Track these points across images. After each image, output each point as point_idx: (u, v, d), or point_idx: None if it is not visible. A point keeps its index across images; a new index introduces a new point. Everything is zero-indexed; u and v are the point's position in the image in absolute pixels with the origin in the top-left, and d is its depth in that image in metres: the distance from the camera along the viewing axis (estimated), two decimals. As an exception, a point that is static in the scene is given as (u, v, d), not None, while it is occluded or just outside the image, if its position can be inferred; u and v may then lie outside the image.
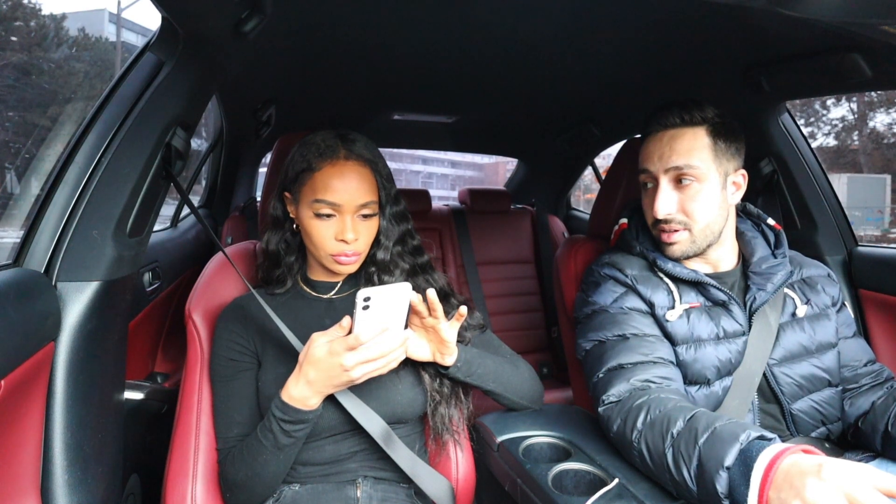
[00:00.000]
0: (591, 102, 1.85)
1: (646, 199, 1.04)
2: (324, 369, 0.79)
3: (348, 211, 0.89)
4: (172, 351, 1.78)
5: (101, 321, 0.85)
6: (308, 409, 0.82)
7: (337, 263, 0.92)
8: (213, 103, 1.86)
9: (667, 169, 0.98)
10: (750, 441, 0.69)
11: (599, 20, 1.11)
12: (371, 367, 0.79)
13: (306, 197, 0.90)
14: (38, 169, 3.15)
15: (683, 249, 1.00)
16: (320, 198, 0.88)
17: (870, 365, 1.05)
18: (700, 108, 0.98)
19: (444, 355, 0.91)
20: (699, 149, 0.97)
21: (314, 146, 0.91)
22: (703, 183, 0.97)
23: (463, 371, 0.92)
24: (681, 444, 0.75)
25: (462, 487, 1.02)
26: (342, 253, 0.91)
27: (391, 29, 1.19)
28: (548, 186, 2.79)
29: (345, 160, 0.90)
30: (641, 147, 1.04)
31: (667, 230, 1.00)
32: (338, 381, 0.80)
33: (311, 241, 0.92)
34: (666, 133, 0.99)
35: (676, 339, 0.97)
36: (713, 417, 0.76)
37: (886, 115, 18.16)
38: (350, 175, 0.89)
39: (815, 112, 18.41)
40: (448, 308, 0.99)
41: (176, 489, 0.92)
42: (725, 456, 0.69)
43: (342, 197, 0.88)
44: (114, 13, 21.88)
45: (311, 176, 0.90)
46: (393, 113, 2.01)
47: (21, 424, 0.74)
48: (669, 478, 0.76)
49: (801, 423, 0.99)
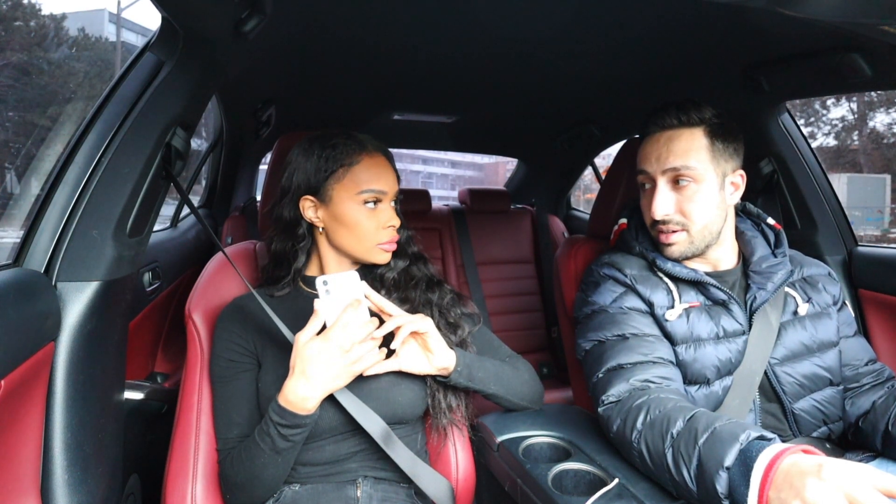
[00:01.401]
0: (590, 103, 1.85)
1: (644, 199, 1.04)
2: (322, 361, 0.80)
3: (390, 198, 0.95)
4: (172, 351, 1.78)
5: (101, 321, 0.85)
6: (305, 414, 0.82)
7: (383, 252, 0.95)
8: (213, 103, 1.86)
9: (664, 170, 0.98)
10: (750, 441, 0.69)
11: (599, 20, 1.11)
12: (360, 350, 0.82)
13: (348, 191, 0.92)
14: (38, 169, 3.15)
15: (682, 250, 1.00)
16: (369, 187, 0.92)
17: (871, 364, 1.05)
18: (697, 108, 0.98)
19: (440, 361, 0.90)
20: (696, 150, 0.97)
21: (339, 146, 0.93)
22: (700, 184, 0.97)
23: (464, 376, 0.92)
24: (680, 444, 0.75)
25: (462, 487, 1.02)
26: (392, 239, 0.95)
27: (391, 29, 1.19)
28: (548, 186, 2.80)
29: (376, 151, 0.95)
30: (639, 148, 1.04)
31: (665, 231, 1.00)
32: (340, 371, 0.81)
33: (358, 234, 0.94)
34: (663, 134, 0.99)
35: (676, 338, 0.97)
36: (713, 418, 0.76)
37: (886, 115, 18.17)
38: (386, 164, 0.95)
39: (815, 112, 18.41)
40: (443, 294, 1.02)
41: (176, 489, 0.92)
42: (725, 456, 0.69)
43: (388, 183, 0.94)
44: (113, 13, 21.95)
45: (349, 171, 0.92)
46: (393, 113, 2.01)
47: (21, 424, 0.74)
48: (669, 478, 0.76)
49: (802, 422, 0.99)
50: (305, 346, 0.80)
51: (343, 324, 0.81)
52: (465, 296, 1.06)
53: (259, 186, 2.55)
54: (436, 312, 0.99)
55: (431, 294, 1.01)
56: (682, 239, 0.99)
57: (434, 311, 0.99)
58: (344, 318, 0.81)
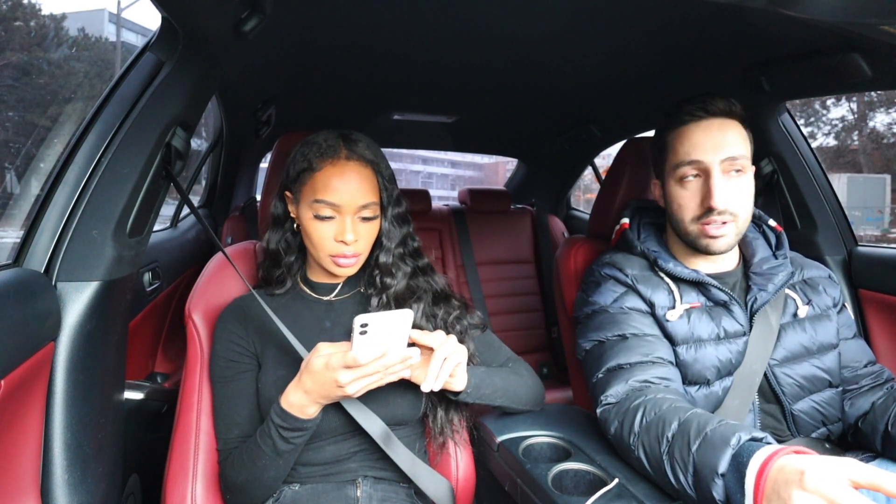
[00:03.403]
0: (590, 102, 1.85)
1: (685, 191, 0.98)
2: (319, 382, 0.78)
3: (348, 212, 0.89)
4: (172, 351, 1.78)
5: (101, 321, 0.85)
6: (306, 418, 0.81)
7: (336, 265, 0.91)
8: (213, 103, 1.86)
9: (723, 159, 0.94)
10: (741, 445, 0.69)
11: (599, 20, 1.11)
12: (367, 381, 0.78)
13: (307, 197, 0.90)
14: (38, 169, 3.15)
15: (729, 243, 0.97)
16: (320, 198, 0.88)
17: (870, 366, 1.05)
18: (734, 101, 0.98)
19: (454, 383, 0.88)
20: (744, 140, 0.97)
21: (316, 146, 0.91)
22: (747, 174, 0.97)
23: (473, 395, 0.91)
24: (675, 450, 0.75)
25: (462, 487, 1.02)
26: (341, 254, 0.90)
27: (391, 29, 1.18)
28: (548, 186, 2.80)
29: (346, 160, 0.89)
30: (679, 137, 0.99)
31: (716, 222, 0.95)
32: (333, 395, 0.79)
33: (311, 242, 0.91)
34: (713, 122, 0.96)
35: (677, 338, 0.97)
36: (705, 421, 0.75)
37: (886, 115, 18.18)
38: (351, 175, 0.88)
39: (815, 112, 18.40)
40: (449, 309, 0.99)
41: (176, 489, 0.92)
42: (718, 463, 0.68)
43: (342, 197, 0.88)
44: (113, 13, 21.99)
45: (311, 176, 0.89)
46: (393, 113, 2.01)
47: (21, 424, 0.74)
48: (668, 482, 0.76)
49: (801, 423, 0.99)
50: (318, 362, 0.78)
51: (365, 378, 0.77)
52: (471, 306, 1.03)
53: (259, 186, 2.55)
54: (440, 326, 0.97)
55: (437, 308, 0.99)
56: (731, 231, 0.96)
57: (438, 326, 0.97)
58: (369, 374, 0.76)
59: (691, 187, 0.98)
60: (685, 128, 0.98)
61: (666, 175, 1.02)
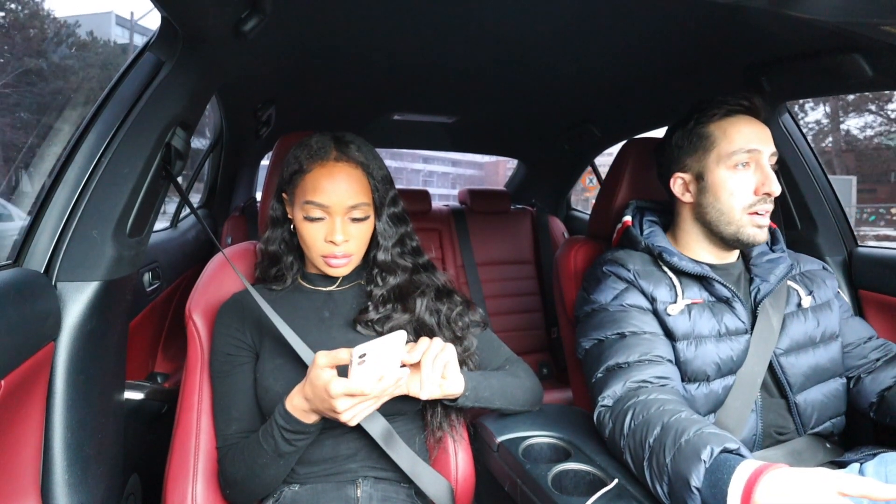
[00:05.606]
0: (591, 103, 1.85)
1: (738, 179, 0.98)
2: (319, 398, 0.77)
3: (338, 213, 0.90)
4: (172, 351, 1.78)
5: (101, 321, 0.85)
6: (309, 422, 0.81)
7: (328, 265, 0.93)
8: (213, 103, 1.86)
9: (773, 152, 0.98)
10: (714, 458, 0.68)
11: (599, 20, 1.11)
12: (363, 406, 0.77)
13: (298, 198, 0.91)
14: (42, 168, 3.15)
15: (767, 233, 1.00)
16: (310, 199, 0.89)
17: (873, 340, 1.08)
18: None
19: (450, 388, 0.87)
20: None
21: (307, 148, 0.92)
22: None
23: (471, 399, 0.90)
24: (654, 458, 0.75)
25: (462, 487, 1.02)
26: (332, 254, 0.91)
27: (391, 29, 1.18)
28: (548, 186, 2.79)
29: (335, 162, 0.91)
30: (729, 126, 0.99)
31: (767, 211, 0.98)
32: (329, 415, 0.79)
33: (304, 242, 0.93)
34: (753, 117, 1.00)
35: (677, 334, 0.97)
36: (682, 429, 0.75)
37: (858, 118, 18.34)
38: (339, 176, 0.90)
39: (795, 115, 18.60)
40: (451, 305, 0.99)
41: (176, 489, 0.92)
42: (690, 476, 0.68)
43: (331, 198, 0.89)
44: (119, 15, 22.35)
45: (302, 177, 0.91)
46: (393, 113, 2.01)
47: (21, 424, 0.74)
48: (653, 490, 0.76)
49: (806, 416, 1.00)
50: (319, 378, 0.76)
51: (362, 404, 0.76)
52: (472, 303, 1.03)
53: (259, 186, 2.55)
54: (444, 321, 0.97)
55: (440, 304, 0.99)
56: (769, 221, 1.00)
57: (441, 321, 0.97)
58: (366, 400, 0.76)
59: (745, 175, 0.98)
60: (735, 118, 0.99)
61: (709, 164, 1.00)
